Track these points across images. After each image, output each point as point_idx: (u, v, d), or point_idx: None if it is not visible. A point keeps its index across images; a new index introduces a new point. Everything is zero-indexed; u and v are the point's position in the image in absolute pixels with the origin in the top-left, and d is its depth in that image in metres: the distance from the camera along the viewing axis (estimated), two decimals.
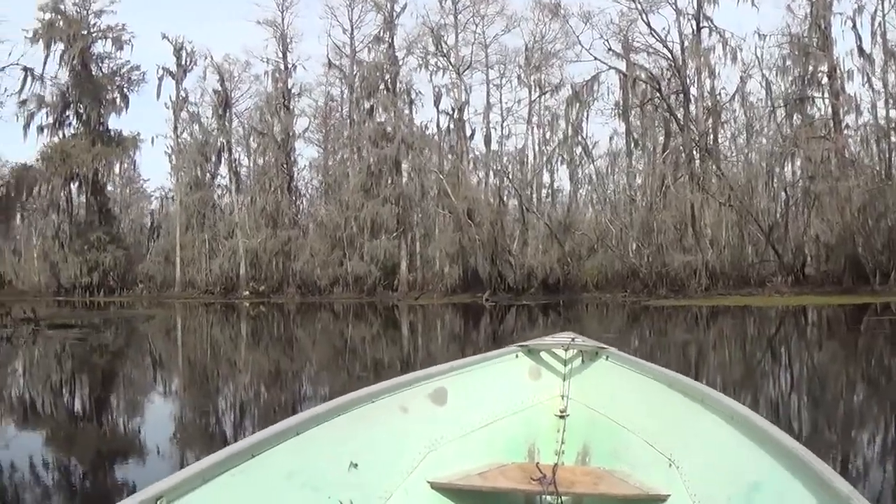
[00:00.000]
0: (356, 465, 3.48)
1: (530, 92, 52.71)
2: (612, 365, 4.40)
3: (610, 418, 4.18)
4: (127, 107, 57.44)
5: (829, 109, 42.78)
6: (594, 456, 4.17)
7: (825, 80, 43.03)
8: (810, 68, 43.83)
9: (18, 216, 58.28)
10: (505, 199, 50.29)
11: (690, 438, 3.65)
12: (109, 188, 61.16)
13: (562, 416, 4.39)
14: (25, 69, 41.88)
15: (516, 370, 4.52)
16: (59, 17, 54.80)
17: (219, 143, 55.92)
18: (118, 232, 59.54)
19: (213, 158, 56.19)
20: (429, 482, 3.76)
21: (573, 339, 4.62)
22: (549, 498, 3.69)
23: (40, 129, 55.65)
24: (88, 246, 54.44)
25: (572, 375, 4.51)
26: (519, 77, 53.23)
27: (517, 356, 4.56)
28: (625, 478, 3.80)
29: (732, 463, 3.25)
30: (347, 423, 3.53)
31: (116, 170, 59.48)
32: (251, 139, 56.61)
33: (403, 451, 3.81)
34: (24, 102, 54.13)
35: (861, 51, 42.82)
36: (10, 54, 48.81)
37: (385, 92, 51.21)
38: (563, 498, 3.66)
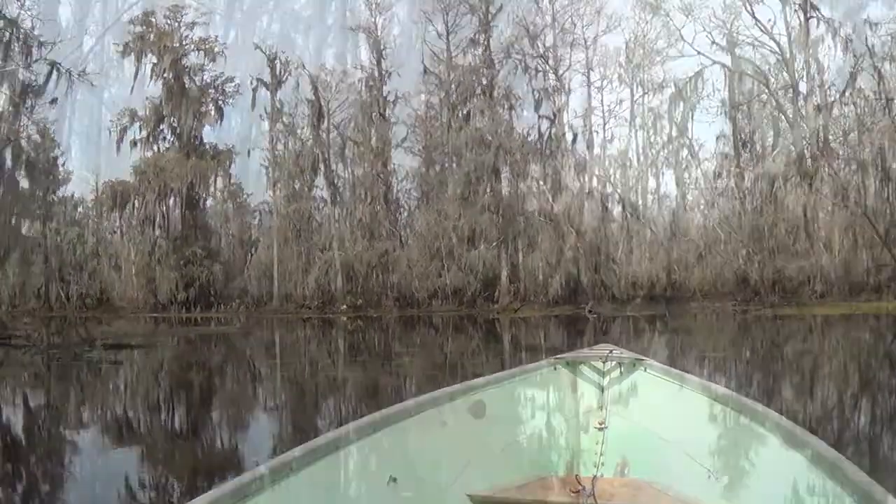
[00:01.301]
0: (395, 480, 3.56)
1: (632, 92, 53.56)
2: (650, 376, 4.70)
3: (648, 429, 4.42)
4: (221, 119, 59.29)
5: None
6: (633, 467, 4.36)
7: None
8: None
9: (118, 232, 60.44)
10: (608, 205, 50.57)
11: (729, 449, 3.85)
12: (210, 202, 62.12)
13: (600, 428, 4.57)
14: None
15: (555, 383, 4.79)
16: (150, 30, 56.75)
17: (314, 154, 56.99)
18: (216, 246, 60.56)
19: (309, 169, 57.18)
20: (468, 495, 3.89)
21: (611, 351, 4.91)
22: None
23: (133, 143, 58.05)
24: (184, 261, 55.47)
25: (610, 387, 4.75)
26: (620, 77, 53.88)
27: (555, 368, 4.84)
28: (664, 489, 3.98)
29: (771, 473, 3.39)
30: (387, 437, 3.67)
31: (215, 183, 60.57)
32: (346, 149, 57.41)
33: (442, 464, 3.96)
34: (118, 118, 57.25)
35: None
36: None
37: (482, 96, 52.12)
38: None
